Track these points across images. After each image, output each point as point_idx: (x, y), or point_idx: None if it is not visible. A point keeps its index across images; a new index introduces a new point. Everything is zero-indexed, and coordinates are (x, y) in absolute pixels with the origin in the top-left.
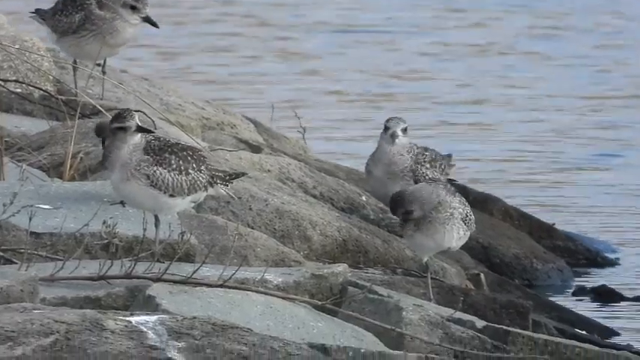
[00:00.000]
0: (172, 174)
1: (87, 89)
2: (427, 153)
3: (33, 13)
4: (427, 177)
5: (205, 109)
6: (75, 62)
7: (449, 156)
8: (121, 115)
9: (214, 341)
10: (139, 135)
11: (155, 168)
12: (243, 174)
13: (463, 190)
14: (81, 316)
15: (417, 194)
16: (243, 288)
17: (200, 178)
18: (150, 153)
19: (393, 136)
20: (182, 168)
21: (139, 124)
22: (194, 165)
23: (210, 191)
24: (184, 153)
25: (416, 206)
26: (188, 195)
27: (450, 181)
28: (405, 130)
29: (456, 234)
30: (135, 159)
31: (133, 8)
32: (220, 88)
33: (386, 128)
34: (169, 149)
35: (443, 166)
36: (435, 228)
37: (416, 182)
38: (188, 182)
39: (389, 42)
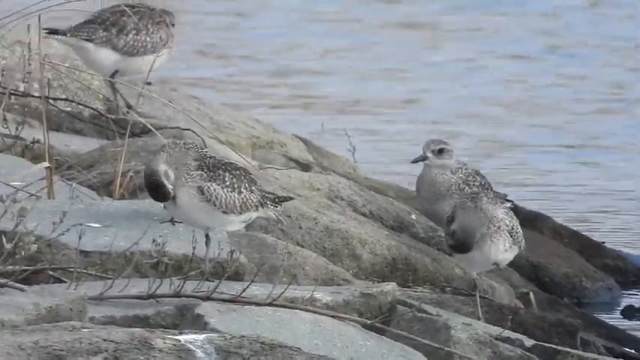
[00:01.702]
0: (225, 190)
1: (137, 108)
2: (478, 177)
3: (63, 35)
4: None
5: (255, 127)
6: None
7: (504, 195)
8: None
9: None
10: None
11: (209, 184)
12: (291, 198)
13: (512, 209)
14: (129, 335)
15: (468, 232)
16: (292, 307)
17: (252, 198)
18: (204, 169)
19: (423, 159)
20: (235, 186)
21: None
22: (246, 184)
23: (260, 212)
24: (237, 172)
25: (474, 240)
26: (240, 213)
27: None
28: (439, 152)
29: (502, 246)
30: (184, 170)
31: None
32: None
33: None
34: (223, 167)
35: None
36: (482, 241)
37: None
38: (240, 200)
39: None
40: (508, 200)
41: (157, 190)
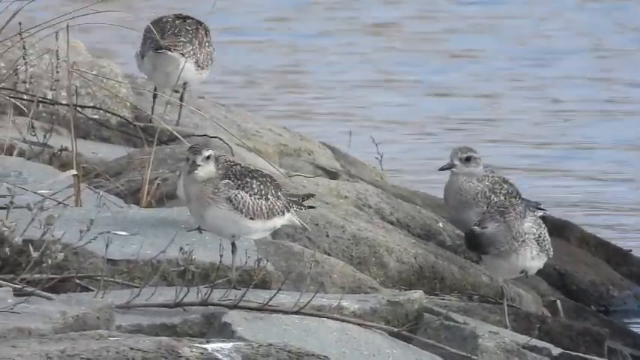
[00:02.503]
0: (253, 198)
1: (164, 116)
2: (505, 185)
3: (158, 51)
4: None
5: (283, 135)
6: (155, 89)
7: (535, 203)
8: (190, 149)
9: None
10: (211, 166)
11: (236, 192)
12: (312, 195)
13: (541, 218)
14: (157, 344)
15: (493, 238)
16: (320, 315)
17: (278, 204)
18: (231, 177)
19: (450, 167)
20: (262, 193)
21: (209, 156)
22: (273, 191)
23: (286, 219)
24: (264, 179)
25: (491, 248)
26: (267, 219)
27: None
28: (466, 160)
29: (529, 254)
30: (211, 186)
31: None
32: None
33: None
34: (250, 174)
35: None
36: (507, 252)
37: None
38: (267, 207)
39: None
40: (540, 209)
41: None
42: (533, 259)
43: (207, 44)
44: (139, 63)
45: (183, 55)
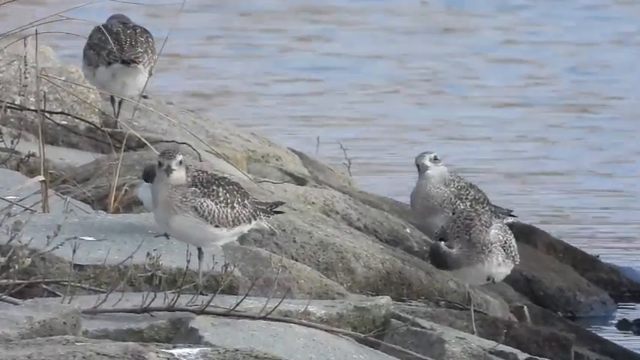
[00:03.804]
0: (219, 206)
1: (132, 122)
2: (472, 191)
3: (129, 64)
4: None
5: (251, 141)
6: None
7: (508, 211)
8: (163, 155)
9: None
10: (183, 172)
11: (202, 200)
12: (282, 203)
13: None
14: (123, 349)
15: (457, 259)
16: (287, 320)
17: (244, 212)
18: (197, 185)
19: (422, 168)
20: (228, 201)
21: (181, 160)
22: (239, 199)
23: (254, 224)
24: (231, 187)
25: (456, 266)
26: (233, 227)
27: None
28: (435, 159)
29: (495, 261)
30: (179, 193)
31: None
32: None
33: (416, 165)
34: (217, 182)
35: (487, 210)
36: (475, 259)
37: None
38: (233, 215)
39: None
40: (512, 215)
41: None
42: (499, 265)
43: (154, 51)
44: (88, 73)
45: (143, 65)
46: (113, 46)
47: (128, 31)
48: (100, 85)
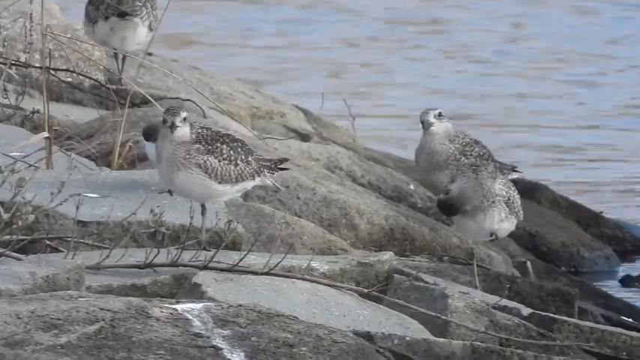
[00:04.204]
0: (222, 163)
1: (137, 78)
2: (477, 147)
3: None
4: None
5: (255, 97)
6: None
7: (512, 167)
8: (167, 111)
9: (260, 329)
10: (187, 129)
11: (206, 157)
12: (286, 159)
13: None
14: (126, 304)
15: (463, 198)
16: (290, 276)
17: (248, 169)
18: (201, 142)
19: (426, 124)
20: (232, 158)
21: (185, 117)
22: (242, 156)
23: (257, 181)
24: (235, 144)
25: (463, 208)
26: (236, 184)
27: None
28: (439, 115)
29: (497, 216)
30: (183, 150)
31: None
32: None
33: (421, 122)
34: (220, 139)
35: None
36: (476, 212)
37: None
38: (236, 172)
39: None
40: (516, 171)
41: None
42: (502, 221)
43: (155, 6)
44: (88, 29)
45: (141, 18)
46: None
47: None
48: (100, 40)
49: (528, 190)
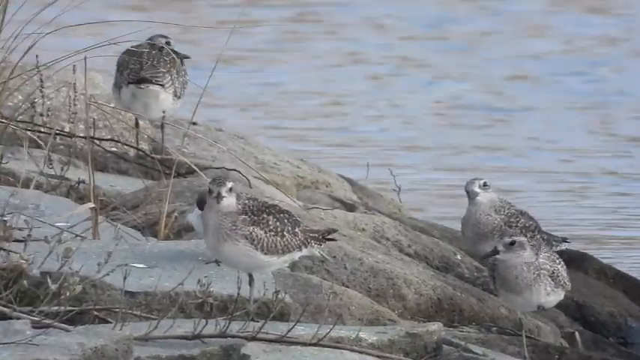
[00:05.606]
0: (269, 234)
1: (182, 148)
2: (522, 219)
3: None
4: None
5: (300, 167)
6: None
7: (563, 239)
8: (213, 182)
9: None
10: (233, 199)
11: (252, 228)
12: (335, 230)
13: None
14: None
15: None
16: (338, 347)
17: (294, 240)
18: (248, 213)
19: (471, 194)
20: (278, 229)
21: (231, 187)
22: (289, 228)
23: (305, 251)
24: (281, 215)
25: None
26: (282, 255)
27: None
28: (484, 185)
29: (543, 290)
30: (229, 221)
31: None
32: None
33: (466, 192)
34: (267, 210)
35: (537, 239)
36: (522, 288)
37: None
38: (283, 243)
39: None
40: (566, 241)
41: None
42: (548, 294)
43: (183, 73)
44: (115, 95)
45: (162, 86)
46: (134, 65)
47: (153, 52)
48: (124, 106)
49: (575, 260)
